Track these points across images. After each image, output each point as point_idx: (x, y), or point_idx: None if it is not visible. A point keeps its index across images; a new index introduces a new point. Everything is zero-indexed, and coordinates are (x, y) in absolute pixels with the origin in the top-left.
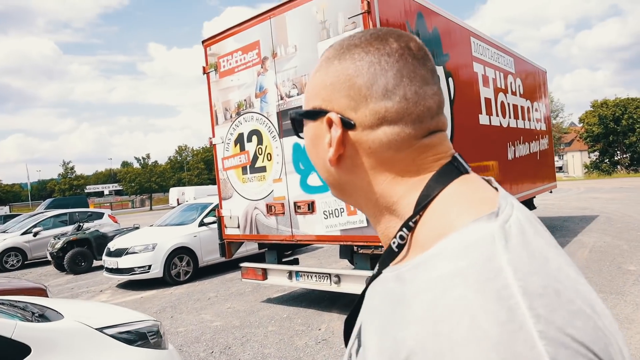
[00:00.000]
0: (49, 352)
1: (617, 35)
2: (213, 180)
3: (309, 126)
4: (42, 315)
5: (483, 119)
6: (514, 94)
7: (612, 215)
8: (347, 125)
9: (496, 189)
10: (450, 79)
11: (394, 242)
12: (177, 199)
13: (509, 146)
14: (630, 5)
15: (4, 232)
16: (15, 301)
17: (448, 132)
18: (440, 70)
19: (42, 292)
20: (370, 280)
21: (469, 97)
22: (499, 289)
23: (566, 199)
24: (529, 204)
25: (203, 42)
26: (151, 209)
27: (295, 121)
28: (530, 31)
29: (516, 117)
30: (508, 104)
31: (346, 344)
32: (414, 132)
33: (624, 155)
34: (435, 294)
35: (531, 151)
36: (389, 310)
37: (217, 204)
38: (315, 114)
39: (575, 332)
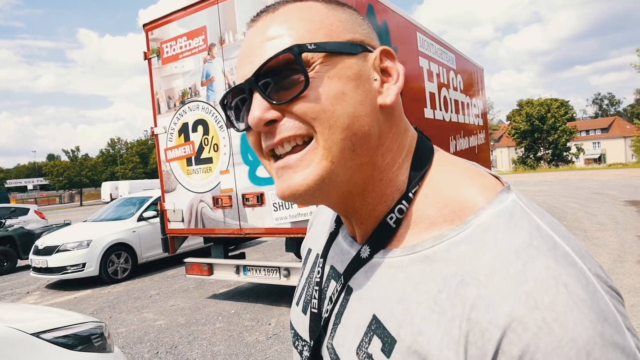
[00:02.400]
0: None
1: (540, 40)
2: (148, 175)
3: (345, 62)
4: None
5: (428, 113)
6: (455, 89)
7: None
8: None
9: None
10: None
11: (390, 217)
12: (110, 194)
13: (451, 140)
14: (550, 14)
15: None
16: None
17: None
18: None
19: None
20: (353, 266)
21: (415, 91)
22: (565, 256)
23: None
24: None
25: (144, 25)
26: (81, 205)
27: (292, 62)
28: (463, 32)
29: (457, 112)
30: (450, 98)
31: (316, 342)
32: None
33: (547, 151)
34: (517, 269)
35: (470, 145)
36: (446, 293)
37: (157, 198)
38: (358, 47)
39: (609, 281)
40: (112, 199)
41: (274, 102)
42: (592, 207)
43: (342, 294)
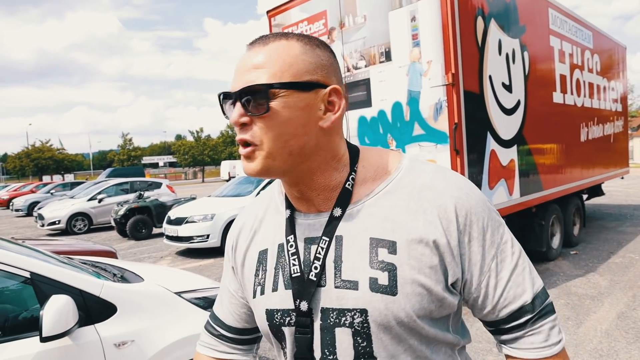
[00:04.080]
0: (133, 312)
1: None
2: None
3: (300, 97)
4: (123, 277)
5: (557, 97)
6: (590, 71)
7: None
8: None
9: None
10: (525, 53)
11: (348, 184)
12: (229, 172)
13: (582, 127)
14: None
15: (72, 197)
16: (96, 262)
17: (521, 109)
18: (515, 43)
19: (112, 254)
20: (332, 224)
21: (544, 73)
22: (457, 174)
23: (634, 186)
24: (597, 190)
25: (268, 12)
26: (203, 181)
27: (262, 93)
28: (601, 6)
29: (591, 97)
30: (584, 81)
31: (302, 300)
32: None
33: None
34: (442, 175)
35: (605, 133)
36: (413, 202)
37: None
38: (312, 86)
39: (485, 198)
40: (229, 177)
41: (248, 112)
42: None
43: (332, 245)
